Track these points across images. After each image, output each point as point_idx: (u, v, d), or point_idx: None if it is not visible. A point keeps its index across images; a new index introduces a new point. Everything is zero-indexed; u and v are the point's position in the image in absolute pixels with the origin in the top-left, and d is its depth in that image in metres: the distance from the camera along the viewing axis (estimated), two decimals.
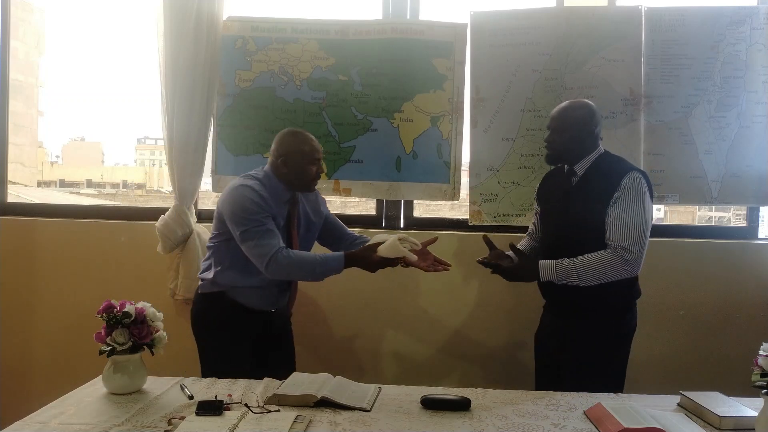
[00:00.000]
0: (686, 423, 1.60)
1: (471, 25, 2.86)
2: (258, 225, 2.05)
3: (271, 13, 2.92)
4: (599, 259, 2.00)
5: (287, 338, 2.38)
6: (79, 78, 29.29)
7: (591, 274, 1.99)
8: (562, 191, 2.17)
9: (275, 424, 1.50)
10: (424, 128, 2.87)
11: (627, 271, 2.00)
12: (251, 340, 2.21)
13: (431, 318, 2.90)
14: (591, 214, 2.04)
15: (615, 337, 2.11)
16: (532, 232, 2.40)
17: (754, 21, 2.79)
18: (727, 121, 2.80)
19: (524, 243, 2.38)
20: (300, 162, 2.16)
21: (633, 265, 2.00)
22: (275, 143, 2.20)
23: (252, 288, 2.17)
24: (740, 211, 3.12)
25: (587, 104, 2.17)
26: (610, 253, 1.99)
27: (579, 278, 2.00)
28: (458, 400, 1.70)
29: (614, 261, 1.98)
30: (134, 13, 16.22)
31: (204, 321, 2.23)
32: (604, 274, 1.99)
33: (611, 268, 1.99)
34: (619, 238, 1.99)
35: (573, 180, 2.15)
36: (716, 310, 2.84)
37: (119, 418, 1.54)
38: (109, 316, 1.73)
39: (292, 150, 2.16)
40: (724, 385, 1.92)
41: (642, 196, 2.02)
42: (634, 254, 1.98)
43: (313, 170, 2.18)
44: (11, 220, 2.97)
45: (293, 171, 2.16)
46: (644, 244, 2.01)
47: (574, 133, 2.10)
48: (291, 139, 2.19)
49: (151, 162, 9.65)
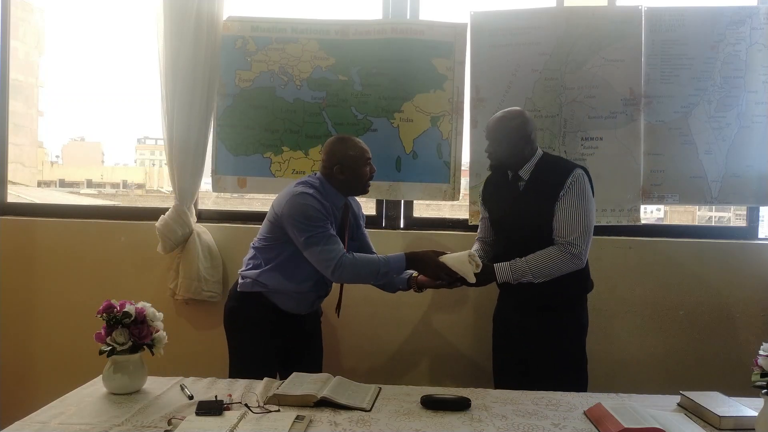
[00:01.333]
0: (686, 423, 1.60)
1: (471, 25, 2.87)
2: (322, 231, 2.09)
3: (271, 13, 2.92)
4: (548, 255, 2.11)
5: (317, 338, 2.39)
6: (79, 78, 29.29)
7: (543, 271, 2.10)
8: (511, 197, 2.24)
9: (275, 424, 1.50)
10: (424, 128, 2.87)
11: (574, 264, 2.11)
12: (282, 339, 2.22)
13: (431, 318, 2.90)
14: (541, 215, 2.13)
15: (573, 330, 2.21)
16: (482, 236, 2.45)
17: (754, 21, 2.79)
18: (727, 121, 2.80)
19: (476, 248, 2.42)
20: (355, 166, 2.20)
21: (579, 258, 2.11)
22: (325, 153, 2.24)
23: (293, 293, 2.21)
24: (740, 211, 3.12)
25: (520, 112, 2.25)
26: (558, 249, 2.11)
27: (533, 276, 2.11)
28: (458, 400, 1.70)
29: (562, 256, 2.10)
30: (134, 13, 16.21)
31: (238, 318, 2.24)
32: (555, 269, 2.10)
33: (560, 262, 2.10)
34: (566, 233, 2.10)
35: (520, 185, 2.22)
36: (716, 310, 2.84)
37: (119, 418, 1.54)
38: (109, 316, 1.73)
39: (345, 156, 2.20)
40: (724, 385, 1.92)
41: (585, 192, 2.13)
42: (580, 248, 2.10)
43: (367, 171, 2.24)
44: (11, 220, 2.97)
45: (351, 176, 2.21)
46: (589, 239, 2.13)
47: (512, 141, 2.18)
48: (341, 145, 2.23)
49: (151, 162, 9.65)
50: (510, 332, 2.28)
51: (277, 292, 2.20)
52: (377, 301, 2.85)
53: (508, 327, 2.29)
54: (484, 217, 2.43)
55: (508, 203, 2.25)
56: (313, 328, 2.38)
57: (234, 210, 3.15)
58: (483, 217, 2.45)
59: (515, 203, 2.22)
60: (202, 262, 2.80)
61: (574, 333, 2.22)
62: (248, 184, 2.91)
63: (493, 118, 2.25)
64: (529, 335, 2.18)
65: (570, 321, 2.20)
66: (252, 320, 2.20)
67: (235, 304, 2.26)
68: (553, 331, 2.15)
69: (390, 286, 2.36)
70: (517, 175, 2.22)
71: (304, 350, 2.30)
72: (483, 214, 2.44)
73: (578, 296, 2.24)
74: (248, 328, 2.21)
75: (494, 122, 2.23)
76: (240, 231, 2.93)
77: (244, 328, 2.22)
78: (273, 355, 2.19)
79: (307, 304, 2.27)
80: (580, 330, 2.24)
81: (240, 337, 2.24)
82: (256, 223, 2.97)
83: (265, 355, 2.17)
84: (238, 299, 2.25)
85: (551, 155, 2.30)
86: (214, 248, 2.87)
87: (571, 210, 2.10)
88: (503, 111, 2.26)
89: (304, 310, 2.28)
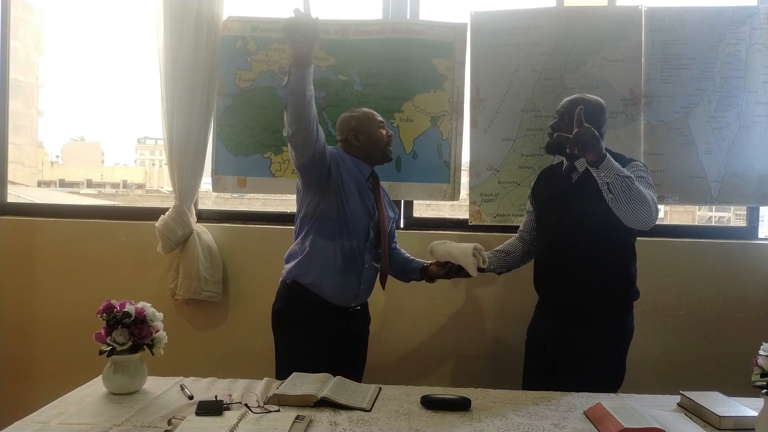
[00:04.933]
0: (686, 423, 1.60)
1: (471, 25, 2.87)
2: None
3: (271, 13, 2.92)
4: (642, 191, 1.87)
5: (363, 344, 2.31)
6: (79, 78, 29.33)
7: (626, 190, 1.84)
8: (560, 189, 2.15)
9: (275, 424, 1.50)
10: (424, 128, 2.87)
11: (647, 220, 1.89)
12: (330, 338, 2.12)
13: (431, 317, 2.90)
14: (592, 210, 2.00)
15: (617, 342, 2.09)
16: (524, 230, 2.36)
17: (754, 21, 2.79)
18: (727, 121, 2.80)
19: (511, 242, 2.35)
20: (368, 129, 2.18)
21: (656, 214, 1.92)
22: (339, 128, 2.23)
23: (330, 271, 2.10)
24: (740, 211, 3.12)
25: (599, 101, 2.15)
26: (651, 197, 1.90)
27: (615, 180, 1.84)
28: (458, 400, 1.70)
29: (650, 204, 1.88)
30: (134, 13, 16.25)
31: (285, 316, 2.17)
32: (635, 201, 1.85)
33: (644, 205, 1.86)
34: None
35: (573, 176, 2.13)
36: (716, 310, 2.84)
37: (119, 418, 1.54)
38: (109, 316, 1.73)
39: (356, 122, 2.19)
40: (724, 385, 1.92)
41: (649, 180, 2.01)
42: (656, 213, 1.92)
43: (383, 133, 2.20)
44: (11, 220, 2.97)
45: (367, 140, 2.18)
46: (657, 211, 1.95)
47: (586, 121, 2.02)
48: (350, 115, 2.23)
49: (151, 162, 9.66)
50: (543, 342, 2.16)
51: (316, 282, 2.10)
52: (376, 300, 2.85)
53: (543, 337, 2.17)
54: (529, 211, 2.35)
55: (556, 195, 2.14)
56: (360, 332, 2.27)
57: (234, 210, 3.15)
58: (528, 210, 2.36)
59: (564, 195, 2.11)
60: (202, 262, 2.80)
61: (617, 344, 2.08)
62: (248, 184, 2.91)
63: (572, 96, 2.15)
64: (565, 346, 2.06)
65: (613, 332, 2.07)
66: (299, 318, 2.12)
67: (282, 303, 2.18)
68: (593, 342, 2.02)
69: (404, 276, 2.34)
70: (573, 165, 2.11)
71: (348, 354, 2.19)
72: (528, 207, 2.36)
73: (623, 304, 2.10)
74: (296, 327, 2.13)
75: (573, 100, 2.10)
76: (240, 231, 2.93)
77: (291, 327, 2.14)
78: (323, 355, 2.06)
79: (351, 293, 2.16)
80: (623, 341, 2.11)
81: (288, 337, 2.15)
82: (256, 223, 2.99)
83: (314, 354, 2.05)
84: (283, 298, 2.18)
85: (613, 152, 2.05)
86: (214, 248, 2.87)
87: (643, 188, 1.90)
88: (584, 93, 2.17)
89: (351, 302, 2.18)
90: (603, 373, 2.03)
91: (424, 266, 2.27)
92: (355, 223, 2.13)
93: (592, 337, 2.04)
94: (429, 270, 2.25)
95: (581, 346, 2.04)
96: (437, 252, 2.19)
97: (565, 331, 2.09)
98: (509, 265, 2.33)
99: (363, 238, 2.16)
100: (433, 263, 2.23)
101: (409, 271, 2.31)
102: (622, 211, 1.88)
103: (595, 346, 2.04)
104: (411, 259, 2.35)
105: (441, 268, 2.19)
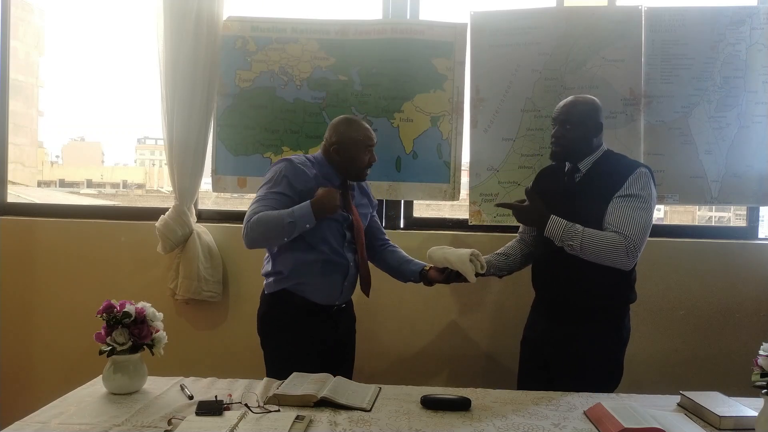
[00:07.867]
0: (686, 423, 1.60)
1: (471, 25, 2.86)
2: (261, 191, 2.08)
3: (271, 13, 2.92)
4: (607, 237, 1.94)
5: (350, 345, 2.32)
6: (79, 78, 29.32)
7: (593, 248, 1.93)
8: (562, 189, 2.14)
9: (275, 424, 1.50)
10: (424, 128, 2.87)
11: (625, 262, 1.95)
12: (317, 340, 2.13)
13: (430, 317, 2.90)
14: (594, 212, 2.00)
15: (613, 343, 2.09)
16: (524, 230, 2.35)
17: (754, 21, 2.79)
18: (727, 121, 2.80)
19: (511, 245, 2.35)
20: (352, 150, 2.12)
21: (631, 258, 1.96)
22: (329, 130, 2.17)
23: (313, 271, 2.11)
24: (740, 211, 3.12)
25: (593, 99, 2.15)
26: (618, 237, 1.93)
27: (581, 246, 1.94)
28: (458, 400, 1.70)
29: (619, 246, 1.93)
30: (134, 13, 16.23)
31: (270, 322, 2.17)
32: (605, 254, 1.93)
33: (614, 251, 1.93)
34: (625, 228, 1.94)
35: (576, 177, 2.12)
36: (716, 310, 2.84)
37: (119, 418, 1.54)
38: (109, 316, 1.73)
39: (345, 138, 2.13)
40: (724, 385, 1.93)
41: (648, 190, 2.00)
42: (636, 247, 1.94)
43: (365, 159, 2.15)
44: (11, 220, 2.97)
45: (345, 159, 2.13)
46: (644, 241, 1.98)
47: (585, 126, 2.07)
48: (345, 127, 2.15)
49: (151, 162, 9.66)
50: (539, 342, 2.16)
51: (300, 283, 2.12)
52: (376, 300, 2.85)
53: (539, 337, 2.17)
54: None
55: (558, 195, 2.11)
56: (346, 331, 2.28)
57: (234, 210, 3.15)
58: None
59: (566, 196, 2.09)
60: (202, 262, 2.80)
61: (613, 346, 2.08)
62: (248, 184, 2.91)
63: (565, 101, 2.13)
64: (561, 346, 2.06)
65: (609, 333, 2.07)
66: (284, 322, 2.12)
67: (266, 308, 2.19)
68: (589, 342, 2.02)
69: (400, 275, 2.33)
70: (576, 167, 2.10)
71: (336, 353, 2.20)
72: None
73: (621, 306, 2.11)
74: (282, 331, 2.13)
75: (568, 104, 2.10)
76: (240, 231, 2.91)
77: (277, 331, 2.14)
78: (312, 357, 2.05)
79: (335, 291, 2.16)
80: (620, 342, 2.11)
81: (274, 342, 2.16)
82: None
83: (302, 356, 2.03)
84: (267, 303, 2.19)
85: (615, 152, 2.15)
86: (214, 248, 2.87)
87: (634, 210, 1.95)
88: (576, 96, 2.16)
89: (336, 299, 2.18)
90: (598, 374, 2.03)
91: (424, 270, 2.27)
92: (329, 226, 2.12)
93: (588, 338, 2.04)
94: (428, 275, 2.25)
95: (577, 347, 2.05)
96: (435, 258, 2.19)
97: (560, 331, 2.09)
98: (510, 268, 2.32)
99: (340, 240, 2.16)
100: (432, 268, 2.23)
101: (407, 272, 2.31)
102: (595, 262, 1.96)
103: (591, 346, 2.04)
104: (409, 259, 2.34)
105: (440, 274, 2.19)
